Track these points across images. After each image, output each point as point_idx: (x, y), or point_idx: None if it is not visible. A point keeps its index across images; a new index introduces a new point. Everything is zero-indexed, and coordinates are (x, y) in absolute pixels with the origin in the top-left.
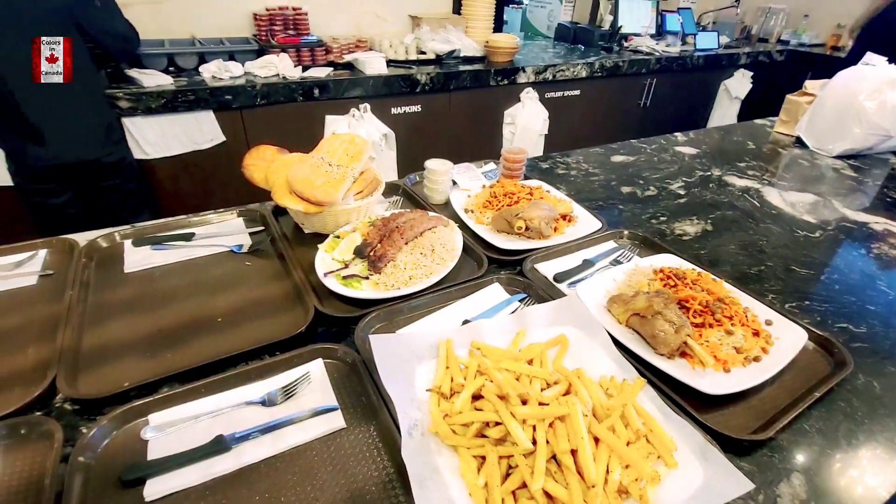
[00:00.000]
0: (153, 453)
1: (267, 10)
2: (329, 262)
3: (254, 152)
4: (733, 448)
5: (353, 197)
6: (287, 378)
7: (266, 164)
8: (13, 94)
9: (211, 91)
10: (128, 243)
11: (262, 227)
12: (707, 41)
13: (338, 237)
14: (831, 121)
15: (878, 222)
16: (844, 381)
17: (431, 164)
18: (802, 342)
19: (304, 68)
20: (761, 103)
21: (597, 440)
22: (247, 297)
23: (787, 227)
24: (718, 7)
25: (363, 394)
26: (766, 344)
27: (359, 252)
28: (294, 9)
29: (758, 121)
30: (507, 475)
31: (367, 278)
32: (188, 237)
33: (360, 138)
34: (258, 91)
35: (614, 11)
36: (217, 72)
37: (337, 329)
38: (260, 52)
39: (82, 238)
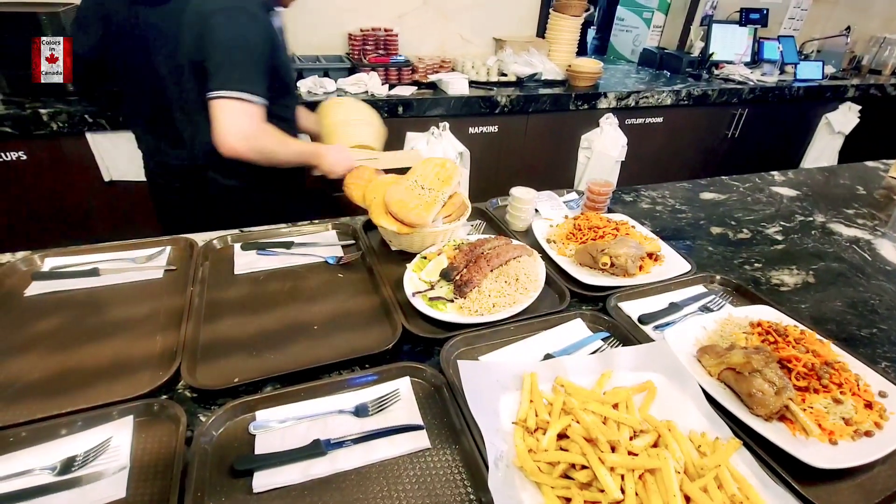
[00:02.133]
0: (259, 447)
1: (361, 30)
2: (416, 282)
3: (354, 172)
4: None
5: (441, 220)
6: (378, 392)
7: (364, 184)
8: (171, 103)
9: (306, 105)
10: (237, 246)
11: (353, 241)
12: (809, 71)
13: (425, 258)
14: None
15: None
16: None
17: (516, 191)
18: None
19: (391, 86)
20: (868, 141)
21: (687, 499)
22: (340, 308)
23: None
24: (825, 35)
25: (447, 415)
26: (879, 418)
27: (445, 275)
28: (386, 30)
29: (869, 163)
30: None
31: (451, 301)
32: (288, 245)
33: (451, 163)
34: None
35: (706, 37)
36: (313, 87)
37: (421, 349)
38: (352, 70)
39: (199, 238)
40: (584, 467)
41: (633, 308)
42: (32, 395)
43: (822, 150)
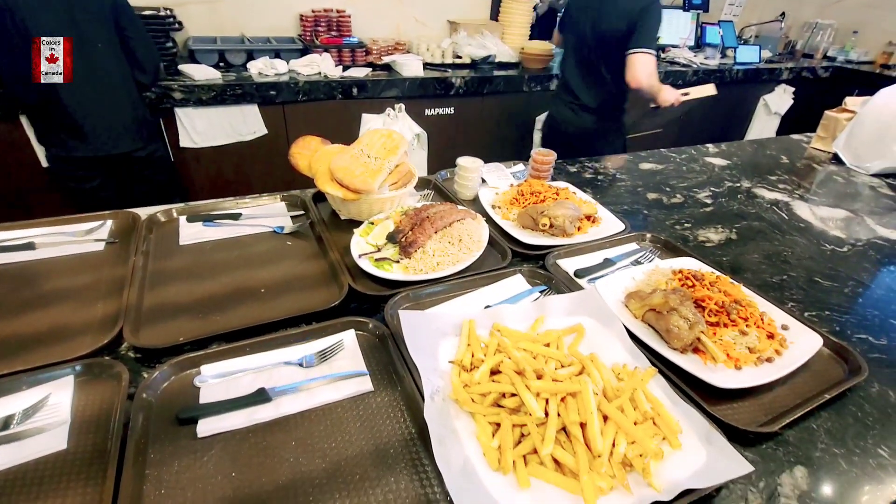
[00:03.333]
0: (204, 399)
1: (313, 11)
2: (363, 246)
3: (300, 142)
4: (739, 439)
5: (388, 187)
6: (322, 344)
7: (310, 153)
8: (57, 92)
9: (257, 86)
10: (182, 219)
11: (302, 212)
12: (748, 55)
13: (372, 223)
14: (871, 138)
15: None
16: (858, 388)
17: (463, 161)
18: (817, 347)
19: (345, 68)
20: (802, 120)
21: (605, 418)
22: (287, 273)
23: (814, 241)
24: (762, 21)
25: (390, 363)
26: (780, 346)
27: (391, 238)
28: (338, 11)
29: (794, 136)
30: (519, 441)
31: (397, 262)
32: (236, 216)
33: (398, 134)
34: (301, 88)
35: None
36: (263, 68)
37: (368, 306)
38: (304, 52)
39: (143, 212)
40: (512, 395)
41: (570, 265)
42: None
43: (762, 129)
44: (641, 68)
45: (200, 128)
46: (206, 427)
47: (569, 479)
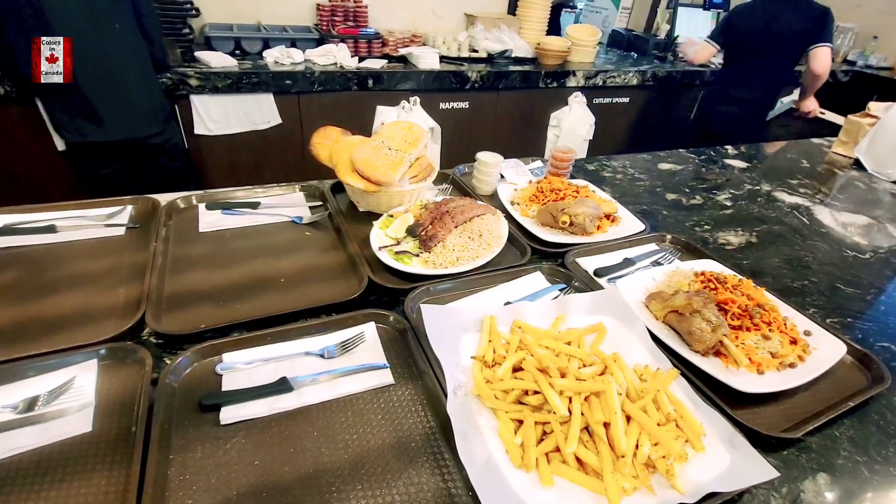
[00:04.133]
0: (226, 386)
1: (330, 1)
2: (383, 238)
3: (321, 132)
4: (761, 444)
5: (408, 180)
6: (343, 336)
7: (331, 144)
8: (76, 76)
9: (273, 75)
10: (202, 206)
11: (320, 203)
12: None
13: (391, 216)
14: (893, 144)
15: None
16: (881, 396)
17: (482, 155)
18: (840, 354)
19: (361, 59)
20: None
21: (628, 419)
22: (306, 263)
23: (835, 247)
24: None
25: (410, 357)
26: (802, 353)
27: (411, 231)
28: (355, 1)
29: (815, 140)
30: (542, 439)
31: (417, 255)
32: (255, 205)
33: (418, 126)
34: (316, 78)
35: (672, 20)
36: (280, 57)
37: (387, 299)
38: (320, 41)
39: (162, 199)
40: (535, 393)
41: (589, 263)
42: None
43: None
44: (825, 59)
45: (216, 115)
46: (229, 414)
47: (592, 479)
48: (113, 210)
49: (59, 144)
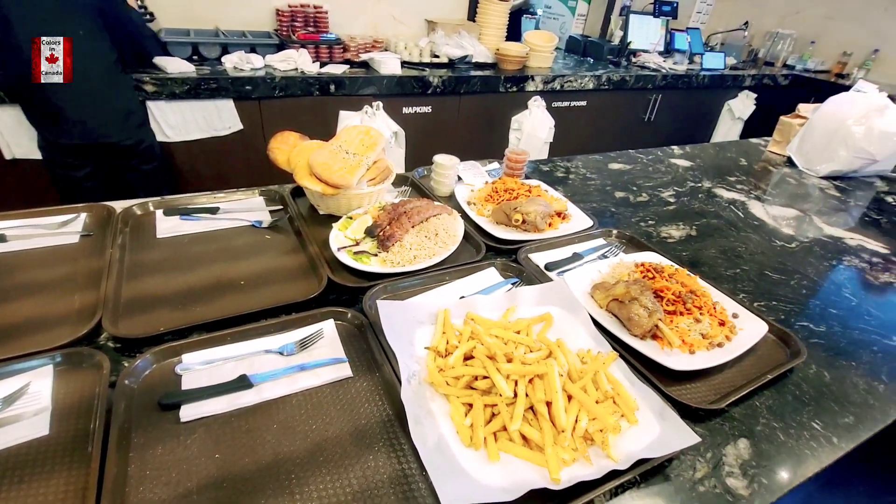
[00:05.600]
0: (186, 386)
1: (289, 6)
2: (342, 239)
3: (278, 137)
4: (691, 416)
5: (366, 183)
6: (302, 333)
7: (289, 148)
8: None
9: (232, 81)
10: (159, 212)
11: (280, 207)
12: (713, 61)
13: (350, 218)
14: (820, 143)
15: (854, 238)
16: (797, 369)
17: (439, 158)
18: (763, 333)
19: (322, 64)
20: (763, 125)
21: (570, 398)
22: (267, 266)
23: (766, 237)
24: (727, 29)
25: (368, 351)
26: (730, 333)
27: (369, 232)
28: (315, 7)
29: (753, 139)
30: (490, 420)
31: (375, 255)
32: (213, 210)
33: (376, 130)
34: (277, 83)
35: (625, 27)
36: (239, 63)
37: (347, 297)
38: (280, 47)
39: (118, 206)
40: (484, 378)
41: (541, 258)
42: None
43: (726, 133)
44: None
45: (173, 122)
46: (189, 412)
47: (535, 453)
48: (66, 218)
49: (7, 153)
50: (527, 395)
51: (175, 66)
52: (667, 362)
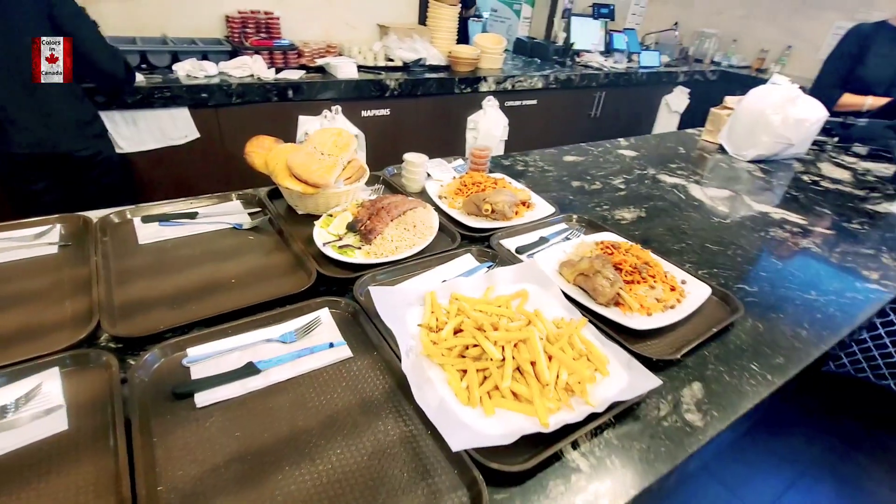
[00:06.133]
0: (196, 376)
1: (239, 12)
2: (325, 235)
3: (254, 141)
4: (652, 367)
5: (343, 182)
6: (301, 322)
7: (265, 152)
8: None
9: (187, 89)
10: (137, 220)
11: (258, 209)
12: (650, 59)
13: (331, 216)
14: (745, 131)
15: (778, 213)
16: (737, 323)
17: (409, 156)
18: (707, 295)
19: (277, 70)
20: (697, 117)
21: (550, 358)
22: (254, 264)
23: (705, 216)
24: (660, 29)
25: (364, 333)
26: (679, 297)
27: (351, 227)
28: (266, 13)
29: (689, 130)
30: (483, 382)
31: (359, 248)
32: (192, 215)
33: (347, 132)
34: (234, 90)
35: (567, 29)
36: (192, 70)
37: (336, 288)
38: (233, 54)
39: (93, 215)
40: (474, 346)
41: (511, 243)
42: None
43: (665, 125)
44: None
45: (125, 133)
46: (204, 398)
47: (525, 405)
48: (41, 230)
49: None
50: (513, 357)
51: None
52: (629, 324)
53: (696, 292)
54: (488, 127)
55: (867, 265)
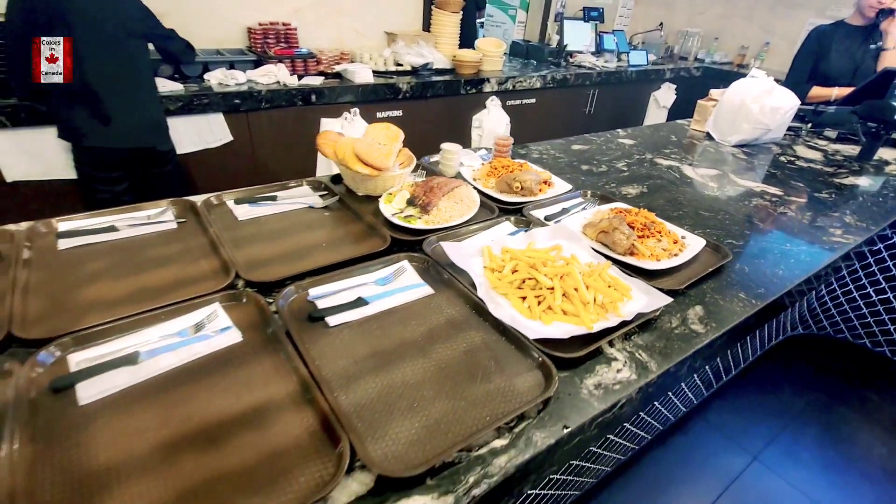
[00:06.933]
0: (321, 306)
1: (260, 24)
2: (390, 210)
3: (322, 135)
4: None
5: (398, 166)
6: (390, 269)
7: (332, 143)
8: (91, 86)
9: (222, 96)
10: (230, 202)
11: (325, 192)
12: (638, 58)
13: (391, 194)
14: (729, 119)
15: (759, 187)
16: (727, 266)
17: (446, 146)
18: (702, 245)
19: (299, 77)
20: (683, 110)
21: (587, 287)
22: (336, 233)
23: (697, 190)
24: (646, 30)
25: (438, 277)
26: (681, 247)
27: (410, 202)
28: (284, 24)
29: (679, 121)
30: (539, 303)
31: (419, 218)
32: (273, 198)
33: (394, 126)
34: (263, 96)
35: (560, 32)
36: (223, 79)
37: (406, 249)
38: (258, 63)
39: (196, 199)
40: (530, 279)
41: (539, 213)
42: (141, 300)
43: (654, 120)
44: None
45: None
46: (334, 321)
47: (572, 317)
48: (155, 211)
49: (9, 177)
50: (560, 287)
51: (161, 84)
52: (643, 266)
53: (694, 244)
54: (492, 125)
55: (832, 224)
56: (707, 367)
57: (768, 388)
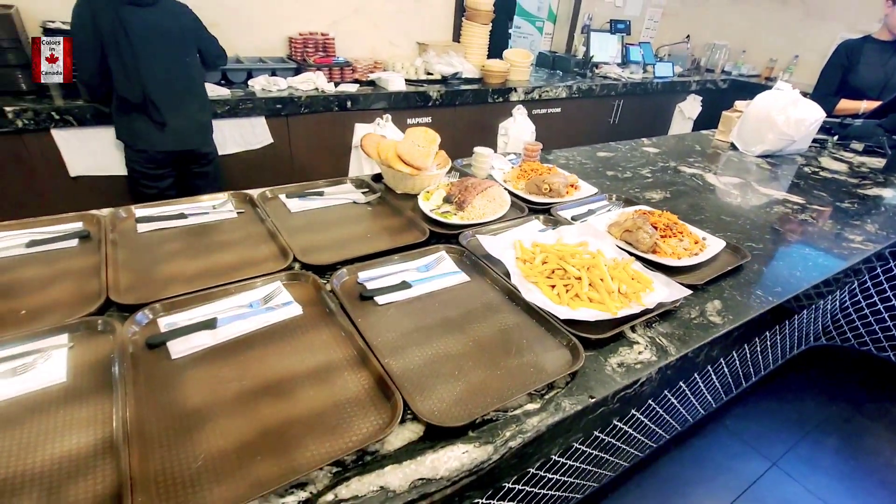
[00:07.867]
0: (370, 287)
1: (300, 34)
2: (428, 206)
3: (366, 137)
4: None
5: (435, 166)
6: (429, 258)
7: (375, 144)
8: (151, 95)
9: (266, 101)
10: (282, 196)
11: (366, 189)
12: (664, 70)
13: (429, 192)
14: (753, 130)
15: (781, 195)
16: (744, 266)
17: (479, 149)
18: (722, 246)
19: (336, 84)
20: (709, 123)
21: (612, 278)
22: (380, 225)
23: (720, 197)
24: (672, 42)
25: (474, 266)
26: (701, 248)
27: (447, 199)
28: (322, 34)
29: (704, 131)
30: (567, 291)
31: (455, 214)
32: (321, 194)
33: (432, 131)
34: (302, 101)
35: (587, 43)
36: (266, 85)
37: (443, 241)
38: (298, 70)
39: (252, 192)
40: (560, 269)
41: (566, 213)
42: (213, 276)
43: (679, 131)
44: None
45: (215, 139)
46: (382, 300)
47: (597, 305)
48: (218, 202)
49: (73, 171)
50: (587, 277)
51: (210, 90)
52: (666, 262)
53: (714, 245)
54: (517, 132)
55: (853, 231)
56: (726, 368)
57: (789, 397)
